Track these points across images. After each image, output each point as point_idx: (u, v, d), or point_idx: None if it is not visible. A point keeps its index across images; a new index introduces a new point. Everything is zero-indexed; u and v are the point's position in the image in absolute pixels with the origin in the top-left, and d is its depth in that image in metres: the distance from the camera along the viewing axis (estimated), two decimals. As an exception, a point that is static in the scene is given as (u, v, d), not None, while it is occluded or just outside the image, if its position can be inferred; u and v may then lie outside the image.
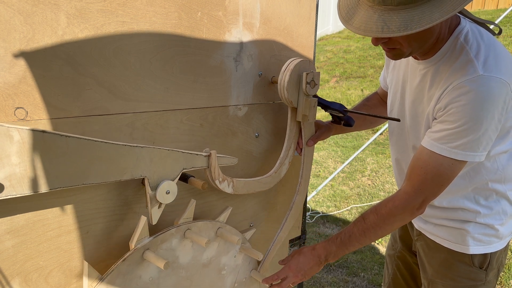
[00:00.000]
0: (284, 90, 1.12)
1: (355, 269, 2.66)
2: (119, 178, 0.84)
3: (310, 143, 1.24)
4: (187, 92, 1.01)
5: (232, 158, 1.07)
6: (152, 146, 0.89)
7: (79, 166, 0.78)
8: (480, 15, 7.52)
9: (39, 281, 0.86)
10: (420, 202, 1.04)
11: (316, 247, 1.15)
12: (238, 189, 1.11)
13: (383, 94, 1.46)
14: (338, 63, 7.88)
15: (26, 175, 0.72)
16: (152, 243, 0.95)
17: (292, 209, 1.26)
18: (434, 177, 1.01)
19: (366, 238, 1.10)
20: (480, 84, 0.93)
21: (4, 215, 0.78)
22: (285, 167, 1.23)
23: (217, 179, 1.04)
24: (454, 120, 0.96)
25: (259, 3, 1.10)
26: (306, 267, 1.14)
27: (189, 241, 1.04)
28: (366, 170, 4.28)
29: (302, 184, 1.27)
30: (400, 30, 0.84)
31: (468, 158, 0.98)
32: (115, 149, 0.82)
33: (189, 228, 1.03)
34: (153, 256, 0.93)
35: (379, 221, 1.08)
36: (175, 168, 0.94)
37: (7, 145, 0.68)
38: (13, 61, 0.73)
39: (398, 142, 1.27)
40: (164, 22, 0.92)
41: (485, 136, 0.96)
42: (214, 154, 1.00)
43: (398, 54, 1.02)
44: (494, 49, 0.98)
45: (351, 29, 0.91)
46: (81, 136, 0.76)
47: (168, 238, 0.99)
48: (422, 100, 1.10)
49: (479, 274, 1.19)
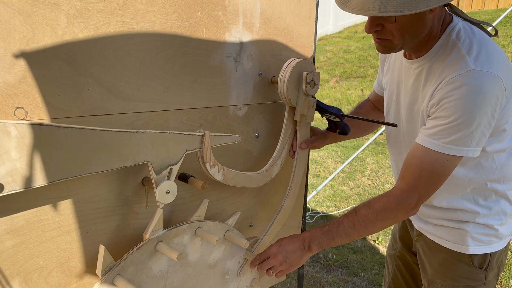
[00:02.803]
0: (284, 87, 1.12)
1: (355, 269, 2.66)
2: (122, 165, 0.84)
3: (304, 145, 1.23)
4: (187, 92, 1.01)
5: (235, 136, 1.05)
6: (153, 130, 0.88)
7: (80, 156, 0.77)
8: (480, 15, 7.52)
9: (39, 281, 0.86)
10: (415, 200, 1.03)
11: (302, 233, 1.13)
12: (228, 179, 1.08)
13: (376, 100, 1.47)
14: (338, 63, 7.89)
15: (28, 169, 0.71)
16: (165, 235, 0.96)
17: (279, 213, 1.24)
18: (429, 174, 1.01)
19: (355, 231, 1.07)
20: (472, 78, 0.93)
21: (4, 215, 0.78)
22: (277, 167, 1.22)
23: (208, 162, 1.00)
24: (447, 115, 0.96)
25: (259, 3, 1.10)
26: (288, 249, 1.10)
27: (199, 239, 1.05)
28: (366, 170, 4.28)
29: (292, 188, 1.25)
30: (397, 11, 0.84)
31: (462, 153, 0.97)
32: (116, 136, 0.81)
33: (200, 226, 1.04)
34: (166, 247, 0.94)
35: (371, 215, 1.05)
36: (178, 150, 0.93)
37: (5, 141, 0.68)
38: (13, 61, 0.73)
39: (395, 143, 1.27)
40: (164, 22, 0.92)
41: (477, 131, 0.96)
42: (208, 135, 0.97)
43: (388, 46, 1.02)
44: (486, 46, 0.98)
45: (348, 10, 0.91)
46: (80, 126, 0.76)
47: (180, 233, 1.00)
48: (417, 99, 1.10)
49: (478, 274, 1.19)
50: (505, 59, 0.99)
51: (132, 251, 0.91)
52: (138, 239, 1.00)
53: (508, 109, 1.03)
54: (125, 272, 0.90)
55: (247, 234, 1.32)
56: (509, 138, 1.10)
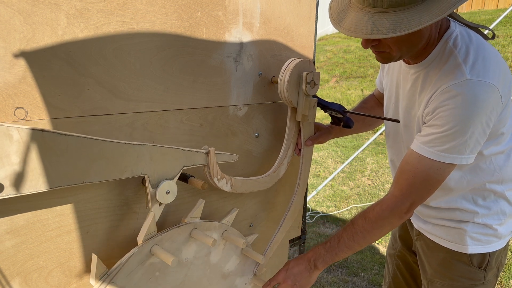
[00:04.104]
0: (284, 90, 1.12)
1: (355, 269, 2.66)
2: (120, 176, 0.84)
3: (309, 142, 1.24)
4: (187, 92, 1.01)
5: (232, 155, 1.08)
6: (152, 144, 0.89)
7: (80, 165, 0.77)
8: (480, 15, 7.52)
9: (39, 281, 0.86)
10: (407, 206, 1.04)
11: (307, 252, 1.15)
12: (236, 188, 1.11)
13: (380, 95, 1.47)
14: (338, 63, 7.89)
15: (26, 174, 0.72)
16: (201, 224, 1.01)
17: (289, 210, 1.26)
18: (423, 181, 1.01)
19: (355, 243, 1.09)
20: (467, 88, 0.93)
21: (4, 215, 0.78)
22: (284, 167, 1.23)
23: (216, 177, 1.03)
24: (441, 124, 0.96)
25: (259, 3, 1.10)
26: (295, 272, 1.12)
27: (223, 242, 1.08)
28: (366, 170, 4.28)
29: (300, 185, 1.27)
30: (389, 32, 0.84)
31: (456, 161, 0.98)
32: (115, 147, 0.82)
33: (226, 230, 1.08)
34: (201, 234, 0.98)
35: (367, 225, 1.07)
36: (175, 165, 0.94)
37: (6, 145, 0.68)
38: (13, 61, 0.73)
39: (393, 144, 1.28)
40: (164, 22, 0.92)
41: (472, 139, 0.96)
42: (212, 152, 1.00)
43: (387, 57, 1.02)
44: (483, 53, 0.98)
45: (341, 31, 0.92)
46: (81, 135, 0.76)
47: (212, 228, 1.04)
48: (414, 105, 1.11)
49: (478, 273, 1.19)
50: (502, 65, 0.99)
51: (173, 228, 0.96)
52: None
53: (506, 114, 1.04)
54: (162, 245, 0.95)
55: (247, 234, 1.32)
56: (508, 140, 1.11)
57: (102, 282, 0.87)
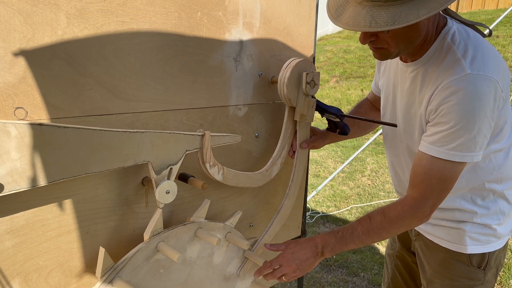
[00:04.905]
0: (284, 87, 1.12)
1: (355, 269, 2.66)
2: (122, 165, 0.84)
3: (304, 145, 1.24)
4: (187, 92, 1.01)
5: (235, 136, 1.06)
6: (152, 130, 0.89)
7: (80, 156, 0.77)
8: (480, 15, 7.52)
9: (39, 281, 0.86)
10: (429, 207, 1.04)
11: (314, 237, 1.12)
12: (228, 179, 1.09)
13: (374, 99, 1.47)
14: (338, 63, 7.89)
15: (28, 169, 0.72)
16: (206, 224, 1.01)
17: (279, 213, 1.24)
18: (439, 181, 1.01)
19: (369, 238, 1.08)
20: (468, 83, 0.93)
21: (4, 215, 0.78)
22: (277, 167, 1.22)
23: (208, 162, 1.01)
24: (446, 121, 0.96)
25: (259, 3, 1.10)
26: (301, 257, 1.10)
27: (226, 244, 1.09)
28: (366, 170, 4.28)
29: (292, 188, 1.26)
30: (387, 25, 0.85)
31: (467, 159, 0.98)
32: (116, 136, 0.82)
33: (230, 232, 1.08)
34: (206, 234, 0.99)
35: (386, 223, 1.06)
36: (177, 150, 0.94)
37: (5, 141, 0.68)
38: (13, 61, 0.73)
39: (391, 145, 1.28)
40: (164, 22, 0.92)
41: (480, 135, 0.96)
42: (208, 134, 0.98)
43: (385, 54, 1.02)
44: (482, 48, 0.98)
45: (340, 25, 0.92)
46: (80, 126, 0.76)
47: (216, 229, 1.04)
48: (413, 103, 1.10)
49: (477, 273, 1.19)
50: (500, 61, 0.99)
51: (179, 226, 0.98)
52: (138, 239, 1.00)
53: (505, 110, 1.04)
54: (168, 241, 0.97)
55: (247, 234, 1.32)
56: (507, 138, 1.11)
57: (108, 276, 0.87)
